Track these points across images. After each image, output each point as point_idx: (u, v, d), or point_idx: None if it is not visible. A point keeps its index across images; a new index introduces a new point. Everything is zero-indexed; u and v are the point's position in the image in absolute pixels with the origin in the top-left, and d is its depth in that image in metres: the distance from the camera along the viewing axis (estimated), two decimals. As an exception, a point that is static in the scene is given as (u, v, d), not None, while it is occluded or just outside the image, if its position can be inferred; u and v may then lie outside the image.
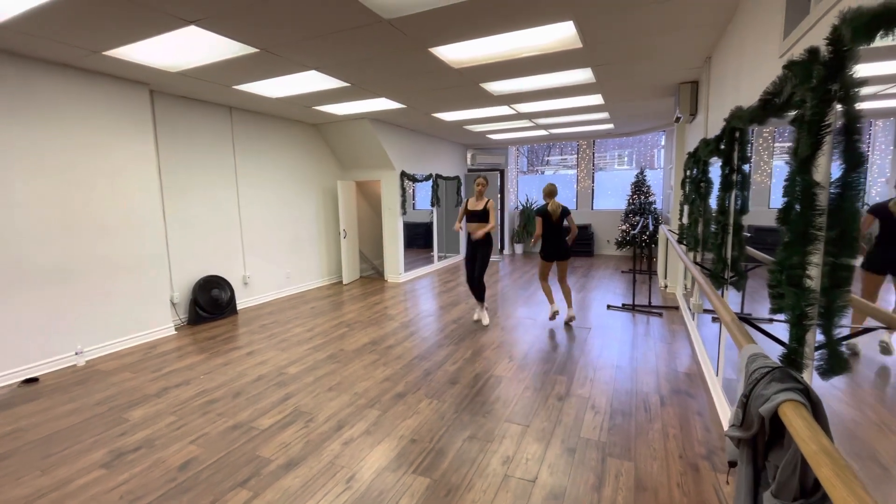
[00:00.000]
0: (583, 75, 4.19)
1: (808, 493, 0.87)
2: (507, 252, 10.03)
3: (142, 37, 2.98)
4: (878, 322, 1.64)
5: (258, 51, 3.28)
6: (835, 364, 1.21)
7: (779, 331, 1.53)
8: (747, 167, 2.30)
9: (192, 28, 2.83)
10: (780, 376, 0.94)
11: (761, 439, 0.97)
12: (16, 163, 3.32)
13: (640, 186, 8.77)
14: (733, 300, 2.74)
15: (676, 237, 4.58)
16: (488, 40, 3.21)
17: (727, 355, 2.76)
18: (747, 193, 2.29)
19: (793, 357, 1.34)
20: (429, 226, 8.44)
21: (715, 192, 2.78)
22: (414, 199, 9.38)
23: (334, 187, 7.01)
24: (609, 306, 5.21)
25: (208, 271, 5.04)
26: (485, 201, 4.45)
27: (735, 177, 2.35)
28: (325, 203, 6.88)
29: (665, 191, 8.31)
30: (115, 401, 3.00)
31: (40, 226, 3.47)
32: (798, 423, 0.77)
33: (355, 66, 3.71)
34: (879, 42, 1.01)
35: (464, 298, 5.76)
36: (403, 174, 6.98)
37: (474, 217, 4.48)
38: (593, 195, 9.85)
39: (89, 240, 3.78)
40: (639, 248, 7.28)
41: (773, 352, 1.35)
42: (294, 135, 6.24)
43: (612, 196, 10.01)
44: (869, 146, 2.11)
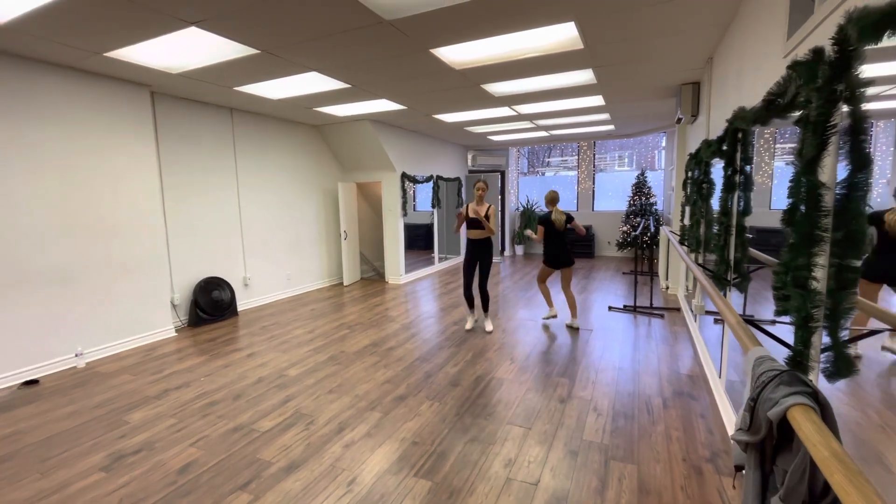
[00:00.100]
0: (584, 76, 4.18)
1: (817, 497, 0.86)
2: (507, 254, 10.02)
3: (143, 38, 2.98)
4: (883, 324, 1.63)
5: (259, 52, 3.28)
6: (841, 366, 1.20)
7: (781, 332, 1.52)
8: (749, 168, 2.29)
9: (193, 29, 2.83)
10: (789, 380, 0.93)
11: (769, 443, 0.96)
12: (17, 164, 3.32)
13: (640, 188, 8.77)
14: (735, 302, 2.72)
15: (678, 238, 4.57)
16: (489, 41, 3.20)
17: (730, 357, 2.75)
18: (750, 194, 2.28)
19: (798, 359, 1.33)
20: (429, 227, 8.43)
21: (717, 193, 2.77)
22: (414, 201, 9.38)
23: (335, 189, 7.00)
24: (610, 308, 5.20)
25: (209, 273, 5.03)
26: (486, 207, 4.31)
27: (738, 178, 2.34)
28: (325, 204, 6.87)
29: (666, 192, 8.30)
30: (115, 403, 2.99)
31: (41, 227, 3.46)
32: (808, 427, 0.76)
33: (356, 67, 3.71)
34: (886, 42, 1.01)
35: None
36: (404, 175, 6.97)
37: (476, 224, 4.32)
38: (594, 196, 9.84)
39: (90, 241, 3.78)
40: (640, 250, 7.27)
41: (776, 354, 1.33)
42: (295, 136, 6.23)
43: (612, 197, 9.99)
44: (870, 147, 2.10)
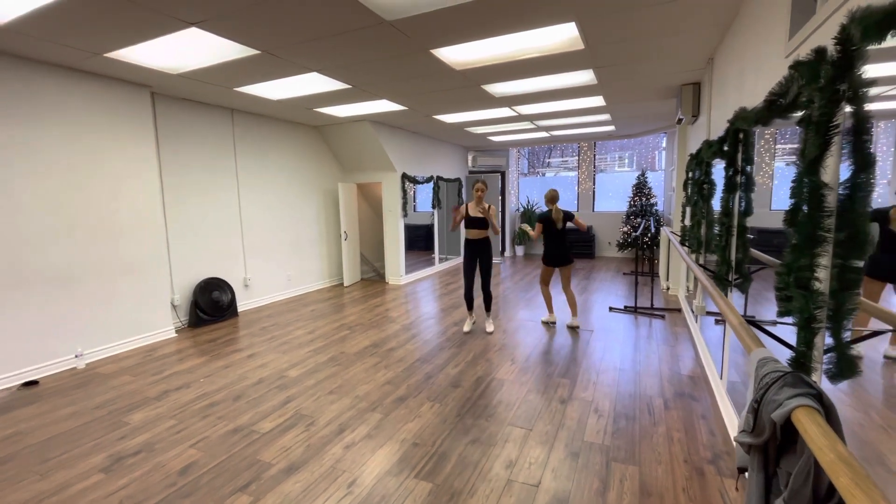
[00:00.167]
0: (584, 77, 4.18)
1: (822, 500, 0.85)
2: (507, 254, 10.01)
3: (143, 39, 2.98)
4: (887, 324, 1.62)
5: (259, 53, 3.27)
6: (844, 367, 1.19)
7: (782, 333, 1.51)
8: (750, 168, 2.28)
9: (194, 30, 2.82)
10: (793, 381, 0.92)
11: (773, 445, 0.95)
12: (17, 164, 3.32)
13: (641, 188, 8.76)
14: (735, 303, 2.71)
15: (679, 239, 4.56)
16: (490, 42, 3.20)
17: (731, 358, 2.74)
18: (751, 195, 2.27)
19: (801, 361, 1.32)
20: (430, 228, 8.42)
21: (718, 194, 2.77)
22: (415, 202, 9.37)
23: (335, 189, 7.00)
24: (611, 308, 5.19)
25: (209, 273, 5.03)
26: (485, 207, 4.31)
27: (739, 178, 2.33)
28: (325, 205, 6.87)
29: (666, 192, 8.29)
30: (115, 404, 2.99)
31: (41, 227, 3.46)
32: (813, 430, 0.75)
33: (356, 67, 3.71)
34: (890, 42, 1.00)
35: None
36: (404, 176, 6.97)
37: (475, 224, 4.33)
38: (594, 197, 9.83)
39: (90, 242, 3.77)
40: (640, 251, 7.26)
41: (778, 355, 1.33)
42: (295, 137, 6.23)
43: (613, 198, 9.99)
44: (873, 148, 2.09)
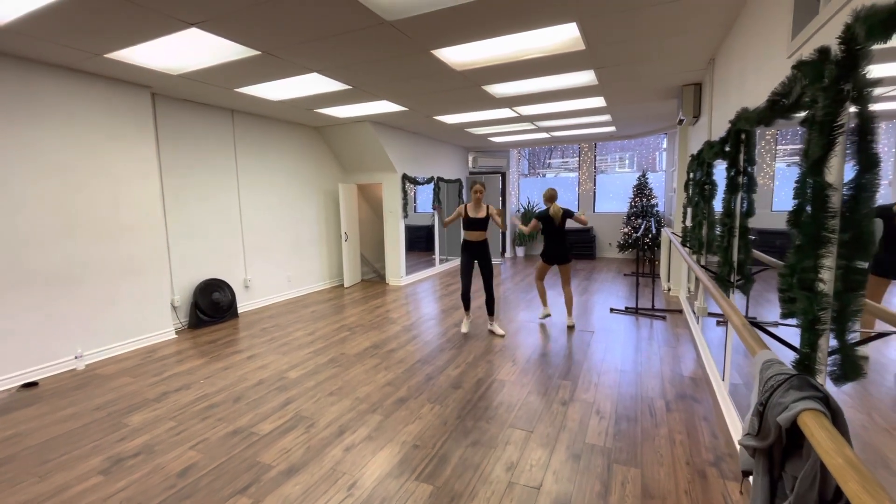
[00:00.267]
0: (585, 77, 4.17)
1: (828, 505, 0.84)
2: (508, 255, 10.00)
3: (143, 39, 2.97)
4: (891, 325, 1.61)
5: (259, 53, 3.27)
6: (849, 369, 1.18)
7: (785, 335, 1.50)
8: (752, 169, 2.27)
9: (194, 30, 2.82)
10: (799, 384, 0.91)
11: (778, 449, 0.94)
12: (16, 165, 3.31)
13: (641, 189, 8.75)
14: (736, 304, 2.70)
15: (680, 240, 4.55)
16: (491, 42, 3.19)
17: (733, 359, 2.73)
18: (753, 196, 2.26)
19: (806, 363, 1.31)
20: (430, 229, 8.41)
21: (720, 195, 2.76)
22: (415, 202, 9.37)
23: (335, 190, 6.99)
24: (612, 309, 5.18)
25: (209, 274, 5.02)
26: (485, 208, 4.29)
27: (741, 179, 2.32)
28: (326, 206, 6.86)
29: (667, 193, 8.28)
30: (115, 406, 2.98)
31: (41, 228, 3.45)
32: (820, 433, 0.74)
33: (357, 68, 3.70)
34: (895, 41, 0.99)
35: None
36: (405, 177, 6.96)
37: (474, 225, 4.29)
38: (595, 198, 9.82)
39: (90, 243, 3.76)
40: (641, 251, 7.25)
41: (781, 356, 1.31)
42: (295, 138, 6.23)
43: (613, 199, 9.98)
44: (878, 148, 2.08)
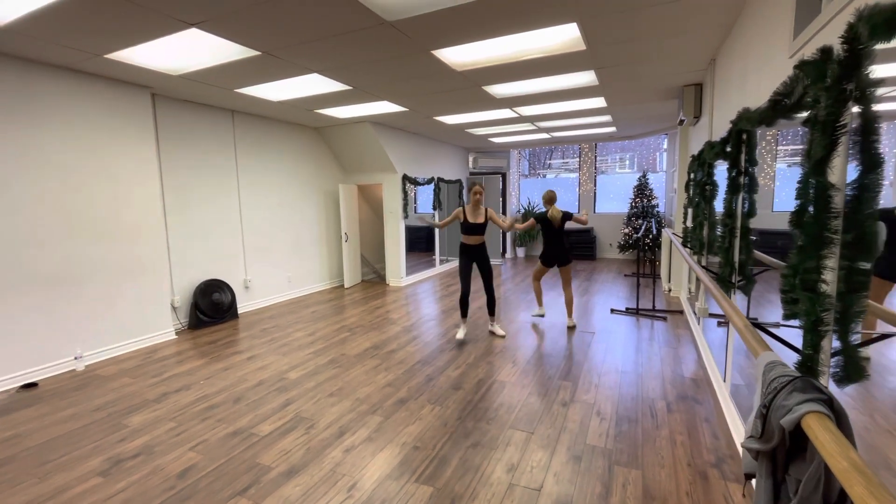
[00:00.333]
0: (586, 78, 4.16)
1: (832, 508, 0.83)
2: (508, 256, 9.99)
3: (143, 39, 2.97)
4: (893, 327, 1.60)
5: (260, 54, 3.26)
6: (852, 371, 1.17)
7: (787, 336, 1.49)
8: (753, 169, 2.26)
9: (194, 31, 2.82)
10: (802, 386, 0.90)
11: (781, 451, 0.93)
12: (17, 166, 3.31)
13: (642, 190, 8.74)
14: (738, 304, 2.69)
15: (681, 241, 4.54)
16: (491, 43, 3.19)
17: (734, 360, 2.72)
18: (755, 196, 2.25)
19: (808, 364, 1.30)
20: (430, 229, 8.40)
21: (721, 195, 2.75)
22: (416, 203, 9.36)
23: (336, 191, 6.99)
24: (612, 310, 5.17)
25: (209, 275, 5.01)
26: (484, 211, 4.18)
27: (742, 179, 2.31)
28: (326, 206, 6.86)
29: (668, 194, 8.27)
30: (114, 406, 2.97)
31: (41, 229, 3.45)
32: (825, 436, 0.73)
33: (357, 68, 3.70)
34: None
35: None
36: (405, 177, 6.95)
37: (473, 230, 4.17)
38: (595, 198, 9.81)
39: (90, 243, 3.76)
40: (642, 252, 7.24)
41: (783, 358, 1.31)
42: (296, 138, 6.23)
43: (614, 199, 9.97)
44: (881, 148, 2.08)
